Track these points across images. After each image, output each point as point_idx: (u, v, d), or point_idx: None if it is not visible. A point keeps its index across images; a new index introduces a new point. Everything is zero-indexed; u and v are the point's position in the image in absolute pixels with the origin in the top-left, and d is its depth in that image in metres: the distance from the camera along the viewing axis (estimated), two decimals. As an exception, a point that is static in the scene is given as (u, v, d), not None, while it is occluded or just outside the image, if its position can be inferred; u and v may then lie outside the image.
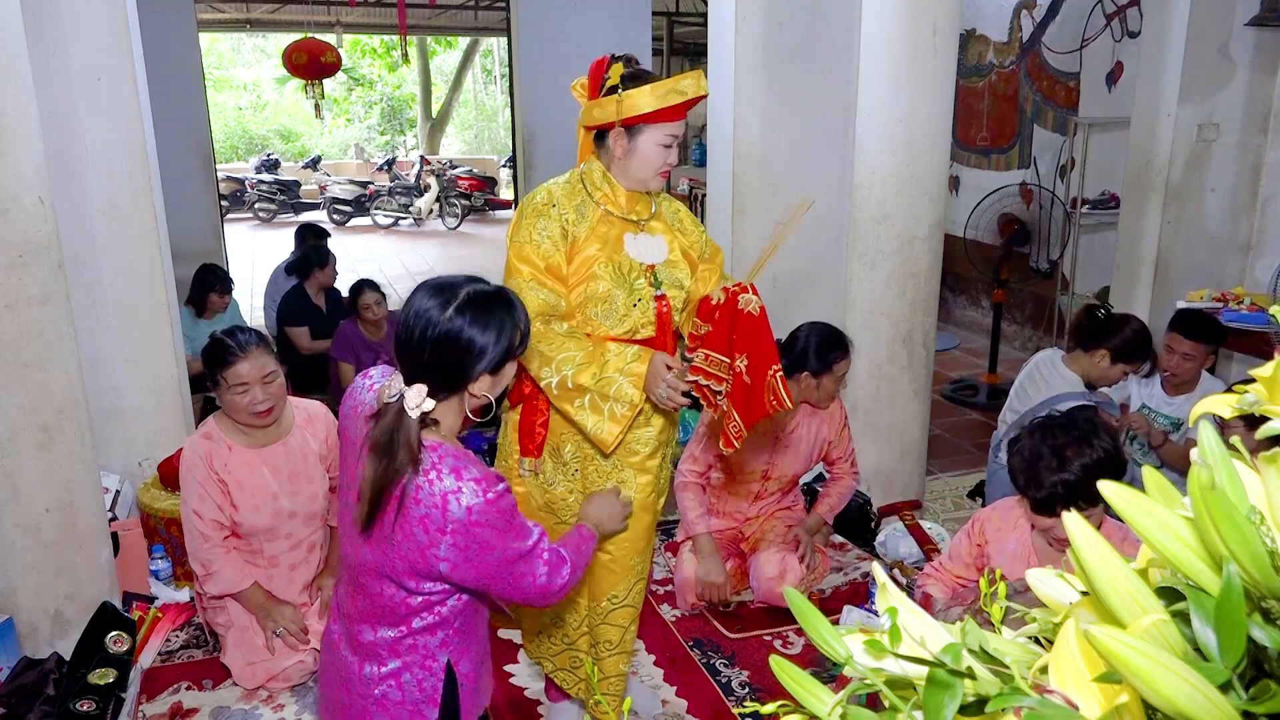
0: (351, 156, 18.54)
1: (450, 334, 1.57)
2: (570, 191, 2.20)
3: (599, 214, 2.18)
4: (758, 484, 3.14)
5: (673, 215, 2.31)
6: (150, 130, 3.37)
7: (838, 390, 3.02)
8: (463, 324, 1.57)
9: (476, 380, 1.62)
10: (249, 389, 2.51)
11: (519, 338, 1.65)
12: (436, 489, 1.51)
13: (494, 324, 1.60)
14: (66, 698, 2.49)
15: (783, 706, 0.58)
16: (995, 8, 6.20)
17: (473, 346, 1.58)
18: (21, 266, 2.52)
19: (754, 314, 2.06)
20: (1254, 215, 4.48)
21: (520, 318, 1.66)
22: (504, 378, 1.67)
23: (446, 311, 1.58)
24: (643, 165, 2.16)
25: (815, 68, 3.98)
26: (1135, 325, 3.18)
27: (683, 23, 10.76)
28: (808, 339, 2.94)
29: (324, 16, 12.03)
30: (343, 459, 1.72)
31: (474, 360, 1.59)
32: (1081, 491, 2.03)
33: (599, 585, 2.28)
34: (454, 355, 1.58)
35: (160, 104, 3.79)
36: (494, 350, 1.60)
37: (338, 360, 4.94)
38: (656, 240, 2.23)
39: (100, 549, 2.83)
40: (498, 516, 1.55)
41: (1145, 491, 0.55)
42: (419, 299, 1.62)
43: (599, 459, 2.21)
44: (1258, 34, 4.27)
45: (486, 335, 1.59)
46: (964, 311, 6.89)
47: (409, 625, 1.63)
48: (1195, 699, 0.46)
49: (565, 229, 2.14)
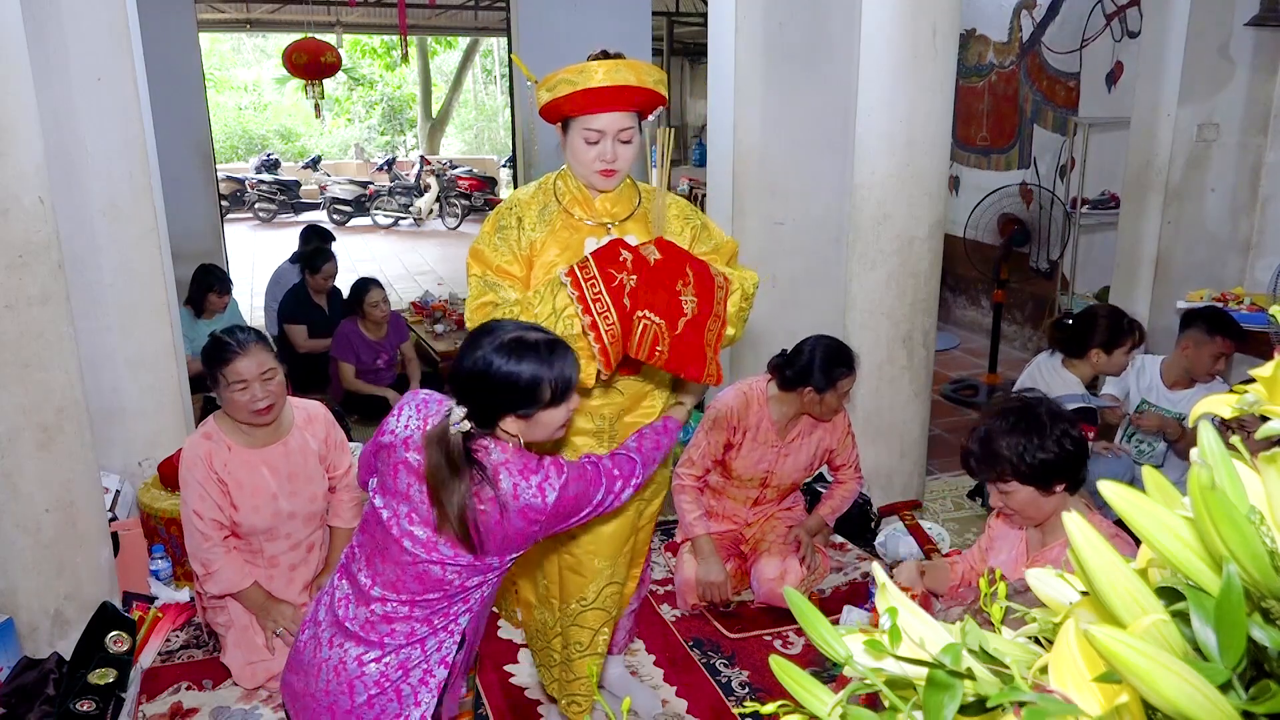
0: (351, 156, 18.53)
1: (478, 368, 1.68)
2: (537, 196, 2.17)
3: (562, 219, 2.14)
4: (756, 490, 3.13)
5: (656, 216, 2.21)
6: (150, 130, 3.37)
7: (841, 405, 2.98)
8: (492, 361, 1.68)
9: (506, 419, 1.72)
10: (248, 386, 2.51)
11: (549, 391, 1.71)
12: (533, 481, 1.69)
13: (522, 369, 1.68)
14: (66, 698, 2.49)
15: (783, 706, 0.58)
16: (995, 8, 6.20)
17: (497, 384, 1.68)
18: (21, 266, 2.52)
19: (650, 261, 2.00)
20: (1254, 215, 4.48)
21: (555, 374, 1.71)
22: (537, 425, 1.75)
23: (486, 348, 1.69)
24: (575, 163, 2.11)
25: (815, 68, 3.98)
26: (1103, 312, 3.29)
27: (683, 23, 10.77)
28: (813, 354, 2.85)
29: (324, 16, 12.02)
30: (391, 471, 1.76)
31: (500, 398, 1.69)
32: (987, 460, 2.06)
33: (567, 588, 2.28)
34: (482, 389, 1.69)
35: (160, 104, 3.79)
36: (519, 393, 1.68)
37: (338, 359, 4.95)
38: (629, 242, 2.14)
39: (100, 549, 2.83)
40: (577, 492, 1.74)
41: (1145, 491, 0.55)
42: (478, 333, 1.76)
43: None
44: (1258, 34, 4.27)
45: (512, 377, 1.67)
46: (964, 311, 6.89)
47: (447, 596, 1.74)
48: (1195, 699, 0.46)
49: (523, 236, 2.12)
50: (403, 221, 13.42)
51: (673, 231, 2.19)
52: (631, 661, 2.85)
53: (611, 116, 2.04)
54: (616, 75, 2.00)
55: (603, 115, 2.04)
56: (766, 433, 2.99)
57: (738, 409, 2.97)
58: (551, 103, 2.05)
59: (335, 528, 2.80)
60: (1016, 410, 2.08)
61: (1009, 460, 2.02)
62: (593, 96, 2.00)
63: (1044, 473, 2.02)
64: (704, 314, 2.04)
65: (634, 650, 2.91)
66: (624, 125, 2.06)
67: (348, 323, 4.98)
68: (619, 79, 2.00)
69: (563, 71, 2.02)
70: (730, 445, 3.00)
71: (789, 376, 2.89)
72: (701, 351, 2.04)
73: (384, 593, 1.72)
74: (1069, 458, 2.03)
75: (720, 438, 2.98)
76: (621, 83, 2.00)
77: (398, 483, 1.72)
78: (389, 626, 1.72)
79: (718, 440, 2.98)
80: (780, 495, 3.19)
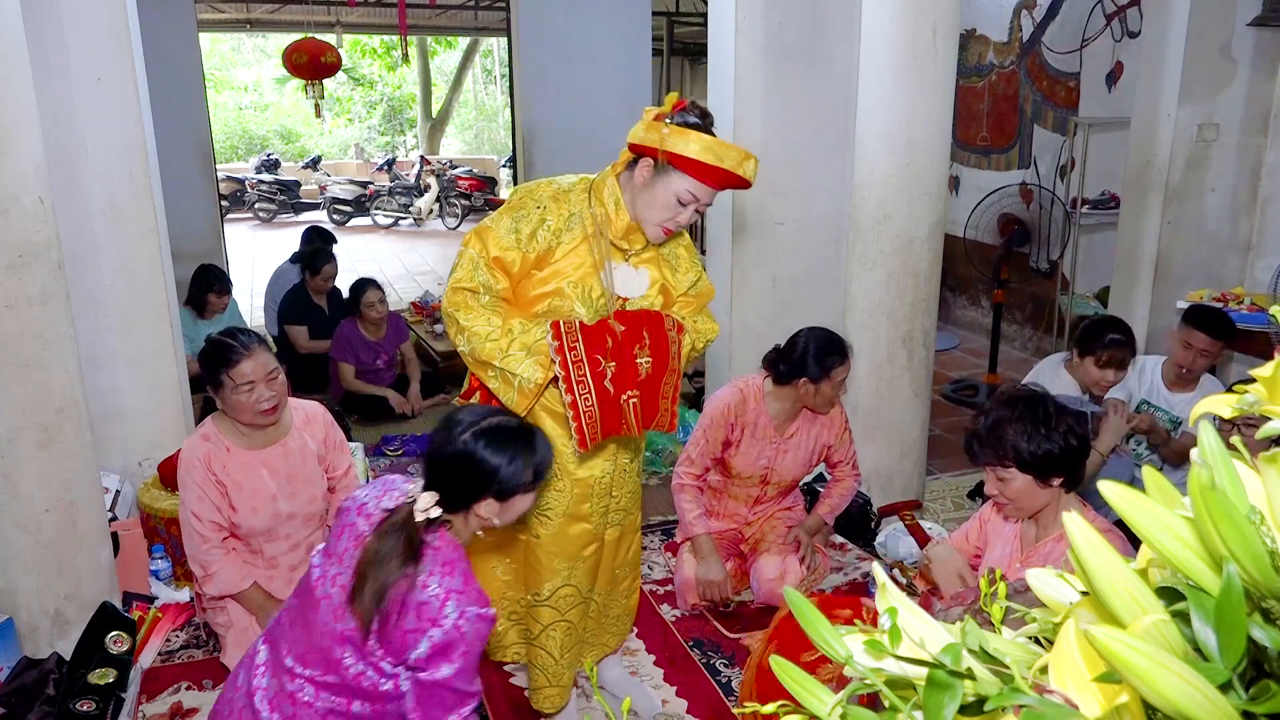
0: (351, 156, 18.54)
1: (463, 453, 1.74)
2: (567, 198, 2.14)
3: (587, 232, 2.13)
4: (756, 488, 3.13)
5: (670, 251, 2.25)
6: (150, 130, 3.37)
7: (837, 396, 2.97)
8: (477, 447, 1.74)
9: (482, 502, 1.76)
10: (254, 387, 2.50)
11: (531, 475, 1.79)
12: (444, 585, 1.65)
13: (506, 454, 1.75)
14: (66, 698, 2.49)
15: (783, 706, 0.58)
16: (995, 8, 6.20)
17: (481, 469, 1.74)
18: (21, 266, 2.52)
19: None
20: (1254, 215, 4.49)
21: (536, 459, 1.79)
22: (512, 508, 1.81)
23: (468, 433, 1.75)
24: (651, 206, 2.10)
25: (815, 68, 3.98)
26: (1125, 332, 3.17)
27: (683, 23, 10.76)
28: (806, 344, 2.87)
29: (324, 16, 12.02)
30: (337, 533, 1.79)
31: (481, 482, 1.74)
32: (992, 444, 2.08)
33: (528, 579, 2.37)
34: (463, 473, 1.74)
35: (160, 104, 3.79)
36: (501, 478, 1.74)
37: (338, 360, 4.95)
38: (640, 274, 2.19)
39: (100, 549, 2.83)
40: (476, 637, 1.66)
41: (1145, 491, 0.55)
42: (457, 414, 1.81)
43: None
44: (1258, 34, 4.27)
45: (496, 462, 1.74)
46: (964, 311, 6.89)
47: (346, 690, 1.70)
48: (1195, 699, 0.46)
49: (542, 234, 2.09)
50: (403, 221, 13.43)
51: (681, 270, 2.29)
52: (631, 661, 2.85)
53: (711, 193, 2.10)
54: (747, 169, 2.04)
55: (708, 189, 2.07)
56: (765, 429, 3.00)
57: (735, 405, 2.98)
58: (674, 154, 2.01)
59: (335, 528, 2.80)
60: (1026, 400, 2.12)
61: (1013, 446, 2.06)
62: (720, 176, 2.03)
63: (1045, 464, 2.06)
64: (660, 371, 2.15)
65: (634, 650, 2.91)
66: (712, 200, 2.13)
67: (347, 323, 4.98)
68: (750, 174, 2.05)
69: (719, 143, 2.02)
70: (729, 443, 3.01)
71: (783, 370, 2.91)
72: (656, 405, 2.17)
73: (294, 664, 1.72)
74: (1070, 453, 2.07)
75: (719, 435, 2.98)
76: (751, 178, 2.07)
77: (339, 544, 1.76)
78: (293, 709, 1.70)
79: (716, 438, 2.99)
80: (781, 493, 3.19)
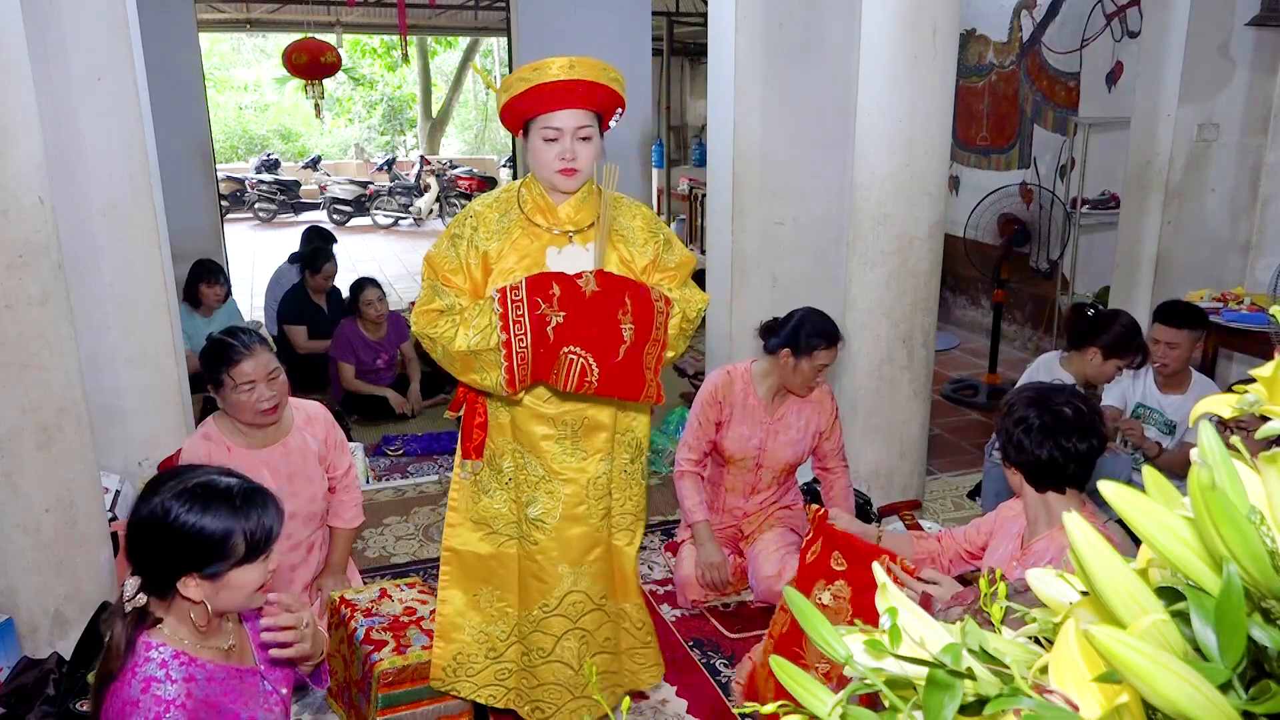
0: (351, 156, 18.53)
1: (154, 518, 1.42)
2: (497, 204, 2.20)
3: (522, 226, 2.17)
4: (751, 474, 3.15)
5: (626, 225, 2.24)
6: (150, 130, 3.37)
7: (815, 380, 2.98)
8: (173, 508, 1.42)
9: (186, 581, 1.44)
10: (255, 386, 2.50)
11: (243, 545, 1.45)
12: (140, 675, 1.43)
13: (207, 518, 1.42)
14: (66, 698, 2.49)
15: (783, 706, 0.58)
16: (995, 8, 6.20)
17: (175, 537, 1.41)
18: (21, 266, 2.51)
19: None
20: (1254, 215, 4.48)
21: (251, 525, 1.46)
22: (227, 588, 1.46)
23: (165, 495, 1.43)
24: (537, 164, 2.13)
25: (815, 68, 3.98)
26: (1124, 320, 3.20)
27: (683, 23, 10.76)
28: (801, 320, 2.93)
29: (324, 16, 12.01)
30: None
31: (177, 554, 1.42)
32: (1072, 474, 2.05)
33: (530, 594, 2.29)
34: (156, 543, 1.43)
35: (160, 104, 3.79)
36: (202, 547, 1.42)
37: (338, 359, 4.95)
38: (585, 253, 2.18)
39: (100, 549, 2.83)
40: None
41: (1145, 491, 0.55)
42: (167, 474, 1.50)
43: (529, 469, 2.24)
44: (1258, 34, 4.27)
45: (195, 527, 1.42)
46: (964, 311, 6.89)
47: None
48: (1195, 699, 0.46)
49: (475, 246, 2.15)
50: (403, 221, 13.42)
51: (637, 244, 2.23)
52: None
53: (569, 114, 2.06)
54: (573, 71, 2.01)
55: (561, 113, 2.06)
56: (754, 409, 3.05)
57: (722, 385, 3.05)
58: (510, 103, 2.07)
59: (335, 528, 2.80)
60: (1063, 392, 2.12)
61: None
62: (550, 93, 2.03)
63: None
64: (642, 339, 2.11)
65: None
66: (582, 123, 2.08)
67: (347, 323, 4.98)
68: (575, 74, 2.03)
69: (519, 70, 2.05)
70: (720, 423, 3.06)
71: (771, 342, 2.98)
72: (640, 375, 2.12)
73: None
74: (1093, 453, 2.08)
75: (710, 415, 3.05)
76: (578, 77, 2.03)
77: None
78: None
79: (708, 418, 3.05)
80: (776, 481, 3.19)
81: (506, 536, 2.30)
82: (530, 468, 2.23)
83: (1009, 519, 2.34)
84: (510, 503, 2.28)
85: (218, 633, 1.56)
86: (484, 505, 2.29)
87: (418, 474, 4.28)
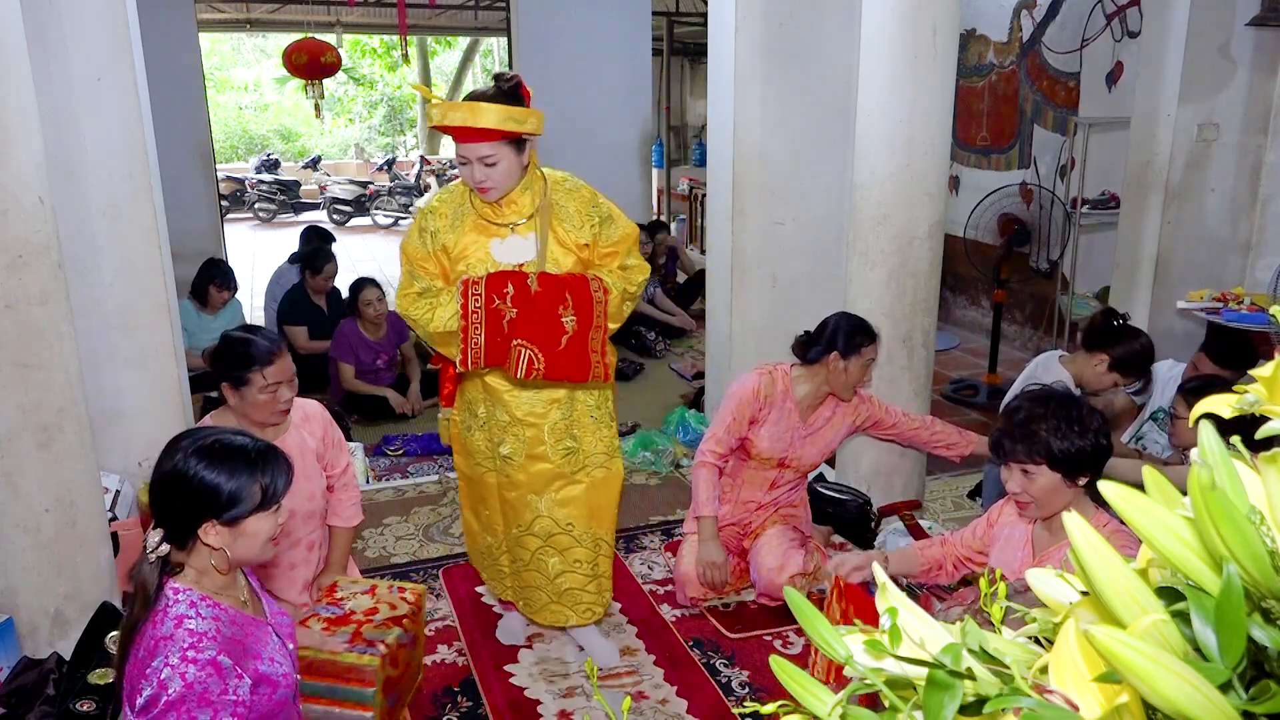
0: (351, 156, 18.53)
1: (177, 473, 1.57)
2: (449, 201, 2.49)
3: (473, 220, 2.45)
4: (773, 471, 3.15)
5: (561, 207, 2.47)
6: (150, 130, 3.37)
7: (863, 380, 3.05)
8: (191, 465, 1.57)
9: (207, 528, 1.57)
10: (279, 388, 2.49)
11: (259, 494, 1.60)
12: (171, 614, 1.54)
13: (224, 472, 1.57)
14: (66, 698, 2.49)
15: (783, 706, 0.58)
16: (995, 8, 6.20)
17: (197, 489, 1.56)
18: (21, 266, 2.51)
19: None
20: (1254, 215, 4.48)
21: (265, 479, 1.61)
22: (246, 534, 1.61)
23: (186, 451, 1.58)
24: (462, 176, 2.41)
25: (815, 68, 3.98)
26: (1143, 341, 3.15)
27: (683, 23, 10.76)
28: (838, 324, 3.00)
29: (324, 16, 12.01)
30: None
31: (199, 505, 1.56)
32: (1024, 440, 2.08)
33: (507, 516, 2.68)
34: (179, 497, 1.57)
35: (160, 104, 3.79)
36: (222, 498, 1.56)
37: (338, 360, 4.95)
38: (525, 241, 2.44)
39: (100, 549, 2.83)
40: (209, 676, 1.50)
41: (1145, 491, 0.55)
42: (183, 435, 1.65)
43: (498, 415, 2.59)
44: (1258, 34, 4.27)
45: (213, 480, 1.56)
46: (964, 311, 6.89)
47: None
48: (1195, 699, 0.46)
49: (435, 239, 2.46)
50: (403, 221, 13.41)
51: (574, 224, 2.47)
52: (631, 661, 2.85)
53: (470, 146, 2.32)
54: (451, 117, 2.29)
55: (465, 145, 2.33)
56: (790, 413, 3.05)
57: (764, 384, 3.04)
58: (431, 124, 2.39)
59: (334, 527, 2.80)
60: (1059, 398, 2.13)
61: (1046, 443, 2.06)
62: (451, 132, 2.32)
63: (1076, 462, 2.06)
64: (585, 328, 2.40)
65: (634, 650, 2.91)
66: (484, 153, 2.35)
67: (347, 323, 4.98)
68: (453, 120, 2.29)
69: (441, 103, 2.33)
70: (754, 420, 3.05)
71: (812, 351, 3.02)
72: (586, 359, 2.41)
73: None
74: (1100, 453, 2.08)
75: (746, 412, 3.03)
76: (457, 124, 2.29)
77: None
78: None
79: (744, 415, 3.03)
80: (797, 477, 3.21)
81: (487, 468, 2.67)
82: (497, 414, 2.59)
83: (1007, 524, 2.34)
84: (486, 441, 2.63)
85: (233, 585, 1.69)
86: (468, 440, 2.68)
87: (418, 474, 4.28)
